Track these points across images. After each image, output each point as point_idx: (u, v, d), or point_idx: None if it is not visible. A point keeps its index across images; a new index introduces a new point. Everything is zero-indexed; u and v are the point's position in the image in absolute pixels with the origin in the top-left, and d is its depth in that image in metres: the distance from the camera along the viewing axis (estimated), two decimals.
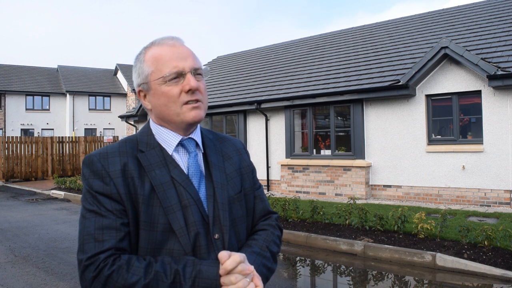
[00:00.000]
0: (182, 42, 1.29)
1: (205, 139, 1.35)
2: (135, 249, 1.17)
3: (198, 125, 1.34)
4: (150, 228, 1.16)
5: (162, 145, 1.26)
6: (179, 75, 1.22)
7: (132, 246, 1.16)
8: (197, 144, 1.31)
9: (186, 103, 1.22)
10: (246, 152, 1.46)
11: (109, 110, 33.73)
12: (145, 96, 1.28)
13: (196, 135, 1.31)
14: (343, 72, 11.88)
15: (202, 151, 1.32)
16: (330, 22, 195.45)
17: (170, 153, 1.25)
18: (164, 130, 1.27)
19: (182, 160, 1.27)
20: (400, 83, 9.52)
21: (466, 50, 9.00)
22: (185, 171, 1.25)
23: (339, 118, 11.35)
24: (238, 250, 1.26)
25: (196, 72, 1.25)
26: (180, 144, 1.28)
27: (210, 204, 1.23)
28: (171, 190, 1.20)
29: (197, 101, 1.24)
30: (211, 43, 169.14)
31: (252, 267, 1.14)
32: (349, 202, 7.56)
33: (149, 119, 1.34)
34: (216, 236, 1.21)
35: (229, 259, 1.10)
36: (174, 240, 1.16)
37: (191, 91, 1.22)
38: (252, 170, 1.44)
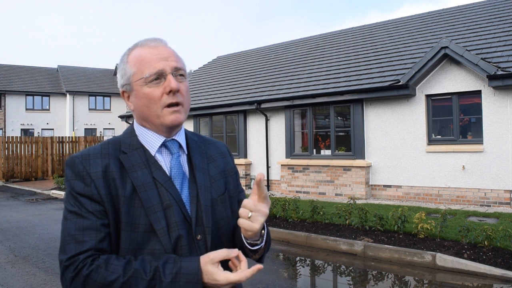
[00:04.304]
0: (165, 43, 1.30)
1: (190, 141, 1.35)
2: (115, 250, 1.17)
3: (183, 127, 1.35)
4: (131, 228, 1.16)
5: (145, 146, 1.26)
6: (160, 76, 1.22)
7: (112, 247, 1.16)
8: (180, 146, 1.31)
9: (168, 106, 1.23)
10: (231, 155, 1.47)
11: (109, 110, 33.73)
12: (128, 97, 1.29)
13: (180, 137, 1.31)
14: (343, 72, 11.87)
15: (186, 153, 1.32)
16: (341, 21, 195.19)
17: (153, 154, 1.25)
18: (147, 131, 1.27)
19: (164, 161, 1.27)
20: (400, 83, 9.52)
21: (466, 50, 9.00)
22: (168, 172, 1.25)
23: (339, 118, 11.35)
24: None
25: (178, 72, 1.25)
26: (163, 145, 1.28)
27: (193, 205, 1.24)
28: (153, 190, 1.20)
29: (177, 104, 1.24)
30: (223, 39, 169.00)
31: (236, 250, 1.16)
32: (349, 202, 7.56)
33: (133, 121, 1.34)
34: (199, 237, 1.22)
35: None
36: (156, 241, 1.16)
37: (172, 92, 1.22)
38: (236, 173, 1.45)
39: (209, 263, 1.11)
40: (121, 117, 18.61)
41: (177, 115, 1.24)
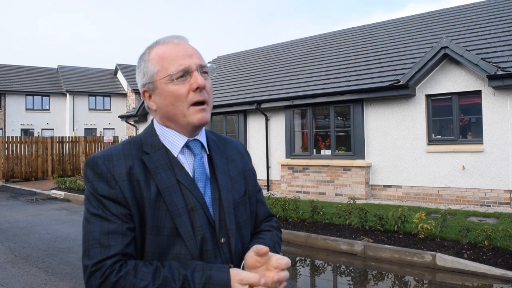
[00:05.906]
0: (187, 41, 1.27)
1: (209, 140, 1.33)
2: (140, 254, 1.14)
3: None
4: (156, 232, 1.14)
5: (167, 146, 1.23)
6: (186, 73, 1.20)
7: (137, 251, 1.14)
8: (202, 146, 1.29)
9: (194, 104, 1.20)
10: (248, 155, 1.45)
11: (109, 110, 33.72)
12: (150, 96, 1.25)
13: (202, 137, 1.29)
14: (343, 72, 11.88)
15: (207, 153, 1.30)
16: (345, 20, 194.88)
17: (176, 155, 1.23)
18: (170, 131, 1.25)
19: (187, 162, 1.24)
20: (400, 83, 9.52)
21: (466, 50, 9.00)
22: (191, 173, 1.22)
23: (339, 118, 11.35)
24: (243, 254, 1.24)
25: (202, 70, 1.23)
26: (186, 145, 1.25)
27: (216, 208, 1.22)
28: (177, 193, 1.17)
29: (203, 102, 1.22)
30: (223, 39, 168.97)
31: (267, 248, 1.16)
32: (349, 202, 7.56)
33: (152, 120, 1.32)
34: (222, 240, 1.20)
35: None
36: (181, 245, 1.14)
37: (198, 89, 1.20)
38: (254, 173, 1.43)
39: (239, 282, 1.08)
40: (121, 117, 18.62)
41: (203, 114, 1.22)
